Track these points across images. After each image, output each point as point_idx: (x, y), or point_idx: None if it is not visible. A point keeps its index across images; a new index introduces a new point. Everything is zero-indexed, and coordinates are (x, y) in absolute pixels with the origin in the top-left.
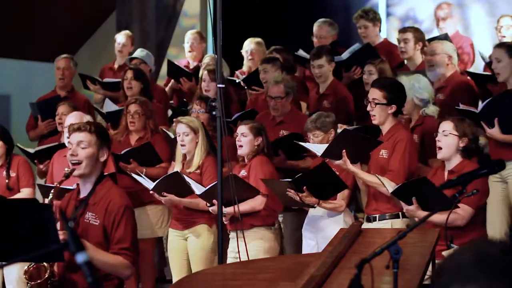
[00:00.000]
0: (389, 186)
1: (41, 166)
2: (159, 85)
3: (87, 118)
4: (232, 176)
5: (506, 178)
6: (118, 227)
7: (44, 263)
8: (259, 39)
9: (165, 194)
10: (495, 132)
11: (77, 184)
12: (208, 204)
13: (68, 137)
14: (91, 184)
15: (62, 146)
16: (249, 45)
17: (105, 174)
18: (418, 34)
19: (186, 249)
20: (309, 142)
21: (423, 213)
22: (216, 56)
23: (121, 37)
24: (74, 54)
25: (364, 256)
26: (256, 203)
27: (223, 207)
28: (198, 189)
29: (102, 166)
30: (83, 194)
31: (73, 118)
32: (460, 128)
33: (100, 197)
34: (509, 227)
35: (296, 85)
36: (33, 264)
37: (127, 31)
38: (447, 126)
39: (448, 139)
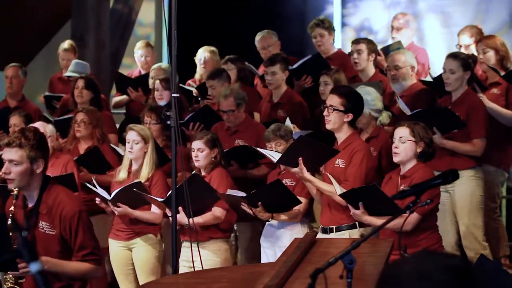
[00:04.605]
0: (339, 188)
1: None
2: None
3: (50, 128)
4: (195, 176)
5: (449, 188)
6: (77, 234)
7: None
8: (213, 48)
9: (120, 205)
10: (438, 138)
11: (18, 191)
12: (169, 214)
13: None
14: (36, 194)
15: None
16: (202, 54)
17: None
18: (371, 45)
19: (131, 259)
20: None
21: (369, 218)
22: (169, 64)
23: (63, 50)
24: (28, 63)
25: (318, 266)
26: (217, 215)
27: (187, 218)
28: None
29: (42, 175)
30: (30, 203)
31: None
32: (416, 133)
33: (50, 205)
34: (459, 236)
35: (248, 95)
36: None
37: (69, 41)
38: (403, 132)
39: (406, 146)
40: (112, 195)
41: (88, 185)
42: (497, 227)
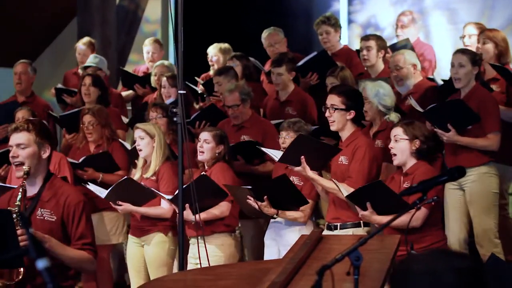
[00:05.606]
0: (345, 190)
1: (0, 170)
2: (115, 90)
3: None
4: (204, 177)
5: (463, 185)
6: (79, 222)
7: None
8: (224, 45)
9: (119, 202)
10: (453, 135)
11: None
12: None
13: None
14: (40, 182)
15: None
16: (212, 51)
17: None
18: (381, 42)
19: (143, 256)
20: (280, 140)
21: (378, 218)
22: (170, 62)
23: (81, 45)
24: (35, 59)
25: (325, 262)
26: (223, 209)
27: (192, 214)
28: (164, 194)
29: (47, 162)
30: (32, 192)
31: None
32: (409, 131)
33: (53, 193)
34: (468, 235)
35: (253, 91)
36: None
37: (88, 38)
38: (397, 132)
39: (400, 145)
40: (106, 193)
41: (88, 186)
42: (506, 224)
